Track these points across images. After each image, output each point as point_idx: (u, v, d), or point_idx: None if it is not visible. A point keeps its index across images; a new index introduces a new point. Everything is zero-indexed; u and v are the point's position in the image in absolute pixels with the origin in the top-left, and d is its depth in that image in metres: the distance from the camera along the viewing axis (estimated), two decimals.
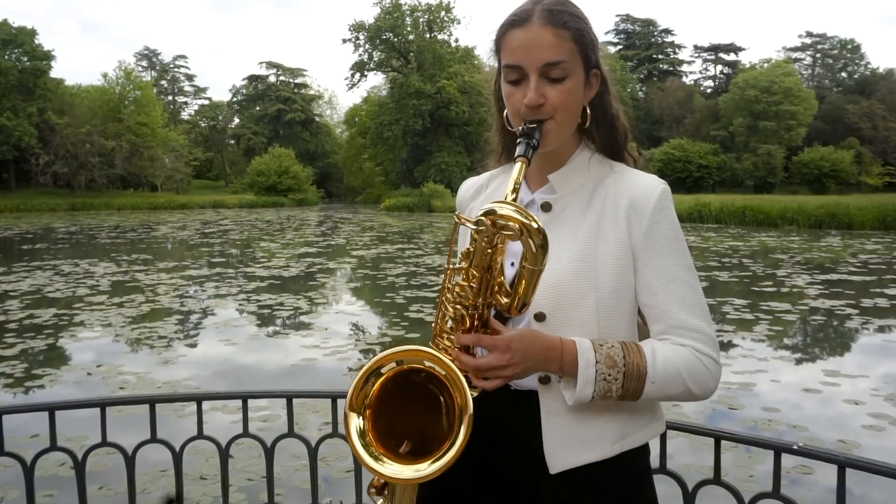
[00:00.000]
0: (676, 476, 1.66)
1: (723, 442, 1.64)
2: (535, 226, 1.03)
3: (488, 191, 1.39)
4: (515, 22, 1.18)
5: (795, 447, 1.54)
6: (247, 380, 6.21)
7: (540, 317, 1.18)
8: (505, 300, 1.12)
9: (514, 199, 1.08)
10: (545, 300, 1.17)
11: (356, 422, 1.09)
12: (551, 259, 1.16)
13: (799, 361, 6.91)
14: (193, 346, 7.58)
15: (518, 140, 1.16)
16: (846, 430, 4.81)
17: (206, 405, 2.08)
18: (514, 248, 1.12)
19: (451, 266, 1.15)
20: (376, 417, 1.11)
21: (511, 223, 1.03)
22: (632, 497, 1.23)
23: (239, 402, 2.04)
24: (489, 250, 1.09)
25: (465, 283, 1.11)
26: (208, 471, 3.99)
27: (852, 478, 1.47)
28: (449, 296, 1.15)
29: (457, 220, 1.14)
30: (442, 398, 1.11)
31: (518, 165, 1.12)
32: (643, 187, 1.21)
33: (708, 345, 1.17)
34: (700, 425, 1.71)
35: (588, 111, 1.24)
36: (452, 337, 1.15)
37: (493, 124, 1.37)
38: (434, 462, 1.05)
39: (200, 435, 2.02)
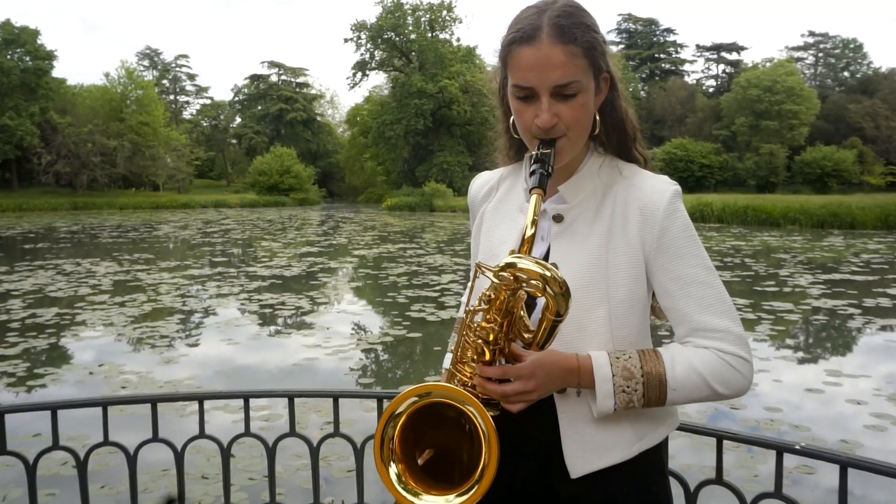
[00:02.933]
0: (678, 476, 1.66)
1: (725, 442, 1.64)
2: (554, 276, 1.03)
3: (499, 194, 1.38)
4: (523, 38, 1.12)
5: (797, 447, 1.54)
6: (248, 379, 6.21)
7: None
8: (527, 335, 1.12)
9: (534, 234, 1.07)
10: None
11: (393, 470, 1.09)
12: (563, 270, 1.17)
13: (801, 361, 6.90)
14: (195, 345, 7.58)
15: (532, 169, 1.14)
16: (848, 431, 4.80)
17: (207, 405, 2.09)
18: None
19: (470, 308, 1.14)
20: (404, 450, 1.11)
21: (533, 280, 1.03)
22: (648, 493, 1.24)
23: (240, 402, 2.04)
24: (511, 299, 1.09)
25: (487, 325, 1.11)
26: (210, 470, 3.99)
27: (853, 478, 1.47)
28: (470, 332, 1.14)
29: (478, 269, 1.14)
30: (463, 422, 1.11)
31: (534, 199, 1.10)
32: (652, 193, 1.20)
33: (733, 343, 1.15)
34: (702, 425, 1.70)
35: (597, 118, 1.23)
36: (473, 365, 1.14)
37: (496, 124, 1.35)
38: (463, 494, 1.06)
39: (202, 434, 2.03)
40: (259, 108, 76.49)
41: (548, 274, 1.02)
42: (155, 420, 1.98)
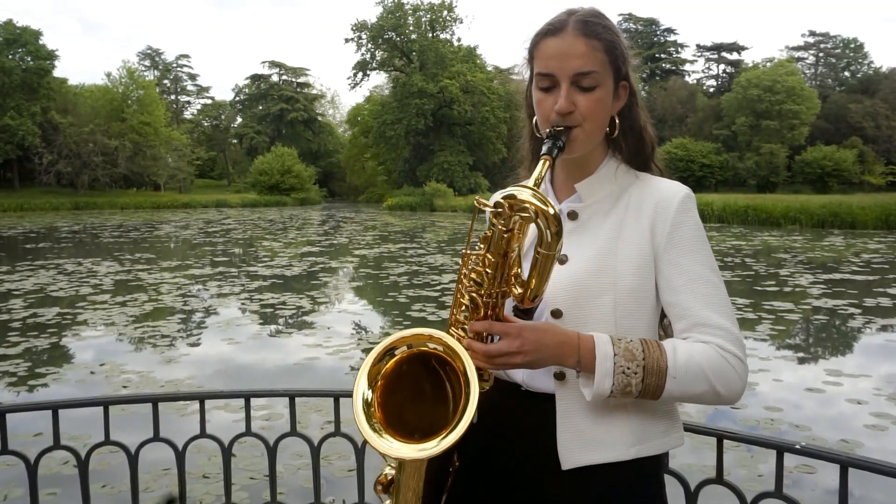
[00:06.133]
0: (679, 475, 1.66)
1: (725, 441, 1.64)
2: (551, 211, 1.04)
3: None
4: (550, 31, 1.20)
5: (798, 447, 1.54)
6: (249, 379, 6.22)
7: (556, 313, 1.19)
8: (518, 290, 1.13)
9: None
10: (562, 297, 1.19)
11: (364, 390, 1.09)
12: (572, 260, 1.19)
13: (801, 361, 6.90)
14: (196, 345, 7.59)
15: (545, 140, 1.18)
16: (848, 430, 4.80)
17: (208, 404, 2.09)
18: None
19: (468, 251, 1.16)
20: (385, 395, 1.11)
21: (527, 205, 1.05)
22: (644, 501, 1.22)
23: (241, 401, 2.05)
24: (506, 234, 1.10)
25: (482, 269, 1.13)
26: (211, 469, 4.00)
27: (854, 478, 1.47)
28: (465, 282, 1.16)
29: (476, 204, 1.14)
30: (451, 389, 1.12)
31: (542, 163, 1.13)
32: (667, 192, 1.23)
33: (732, 343, 1.14)
34: (702, 425, 1.71)
35: (616, 121, 1.26)
36: (466, 326, 1.16)
37: (523, 132, 1.38)
38: (441, 441, 1.03)
39: (203, 434, 2.03)
40: (260, 107, 76.43)
41: (545, 207, 1.04)
42: (156, 419, 1.99)
